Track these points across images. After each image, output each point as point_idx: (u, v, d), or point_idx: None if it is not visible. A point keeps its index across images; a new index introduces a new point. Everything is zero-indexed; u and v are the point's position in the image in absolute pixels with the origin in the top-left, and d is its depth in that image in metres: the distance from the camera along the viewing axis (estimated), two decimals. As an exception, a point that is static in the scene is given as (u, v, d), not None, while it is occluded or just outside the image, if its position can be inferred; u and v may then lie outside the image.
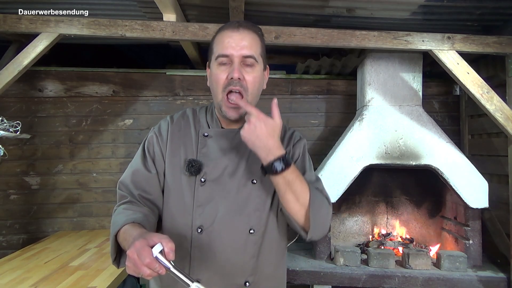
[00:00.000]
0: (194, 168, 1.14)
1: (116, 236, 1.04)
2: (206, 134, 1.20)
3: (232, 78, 1.09)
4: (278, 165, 1.02)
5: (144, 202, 1.16)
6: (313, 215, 1.06)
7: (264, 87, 1.21)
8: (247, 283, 1.14)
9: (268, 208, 1.17)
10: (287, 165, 1.03)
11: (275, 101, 1.06)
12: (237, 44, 1.09)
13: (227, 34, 1.11)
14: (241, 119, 1.14)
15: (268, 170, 1.04)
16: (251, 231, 1.13)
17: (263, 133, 1.01)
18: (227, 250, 1.12)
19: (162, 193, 1.20)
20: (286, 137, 1.25)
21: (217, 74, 1.12)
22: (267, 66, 1.22)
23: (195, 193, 1.14)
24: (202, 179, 1.14)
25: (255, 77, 1.12)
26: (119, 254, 1.08)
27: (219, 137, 1.19)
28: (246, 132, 1.03)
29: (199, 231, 1.12)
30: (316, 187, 1.14)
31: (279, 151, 1.03)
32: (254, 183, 1.15)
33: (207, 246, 1.12)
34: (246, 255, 1.13)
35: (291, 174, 1.04)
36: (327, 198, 1.16)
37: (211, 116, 1.24)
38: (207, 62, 1.21)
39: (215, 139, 1.19)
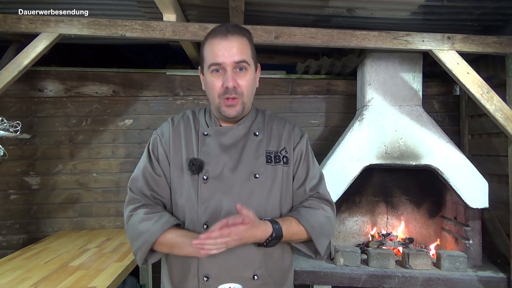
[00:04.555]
0: (195, 166, 1.17)
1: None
2: (205, 133, 1.23)
3: (227, 87, 1.12)
4: (274, 242, 1.14)
5: (157, 202, 1.21)
6: (318, 242, 1.19)
7: (257, 85, 1.25)
8: (255, 276, 1.16)
9: (271, 201, 1.20)
10: (279, 238, 1.13)
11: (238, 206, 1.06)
12: (228, 51, 1.12)
13: (216, 41, 1.13)
14: (239, 117, 1.21)
15: (267, 245, 1.14)
16: None
17: (249, 237, 1.08)
18: None
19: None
20: (284, 136, 1.27)
21: (212, 82, 1.16)
22: (258, 65, 1.25)
23: (198, 191, 1.17)
24: (205, 177, 1.17)
25: (248, 80, 1.17)
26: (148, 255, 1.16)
27: (218, 134, 1.23)
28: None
29: (205, 227, 1.15)
30: (318, 194, 1.25)
31: (265, 234, 1.10)
32: (257, 177, 1.18)
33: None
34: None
35: (285, 237, 1.14)
36: (329, 202, 1.27)
37: (210, 116, 1.28)
38: (199, 67, 1.24)
39: (214, 137, 1.22)
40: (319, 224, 1.19)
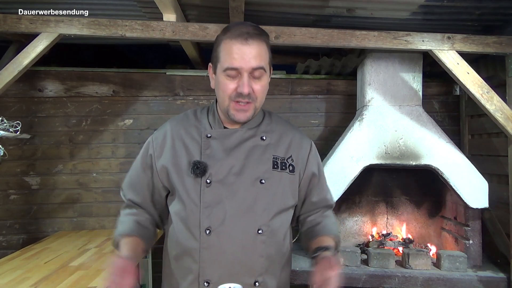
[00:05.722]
0: (199, 169, 1.14)
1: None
2: (209, 135, 1.19)
3: (241, 93, 1.09)
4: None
5: (135, 207, 1.26)
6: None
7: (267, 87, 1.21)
8: (256, 283, 1.14)
9: (275, 208, 1.17)
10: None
11: None
12: (246, 56, 1.07)
13: (236, 46, 1.08)
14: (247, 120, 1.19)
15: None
16: (259, 231, 1.14)
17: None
18: (236, 250, 1.13)
19: (166, 197, 1.24)
20: (292, 144, 1.25)
21: (225, 84, 1.11)
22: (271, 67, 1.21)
23: (201, 195, 1.14)
24: (208, 181, 1.14)
25: (263, 85, 1.14)
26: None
27: (222, 137, 1.19)
28: None
29: (207, 232, 1.12)
30: (330, 206, 1.35)
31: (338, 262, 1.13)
32: (263, 183, 1.16)
33: (216, 247, 1.12)
34: (255, 254, 1.14)
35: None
36: (332, 206, 1.37)
37: (213, 116, 1.24)
38: (209, 63, 1.20)
39: (218, 139, 1.19)
40: (338, 231, 1.30)
